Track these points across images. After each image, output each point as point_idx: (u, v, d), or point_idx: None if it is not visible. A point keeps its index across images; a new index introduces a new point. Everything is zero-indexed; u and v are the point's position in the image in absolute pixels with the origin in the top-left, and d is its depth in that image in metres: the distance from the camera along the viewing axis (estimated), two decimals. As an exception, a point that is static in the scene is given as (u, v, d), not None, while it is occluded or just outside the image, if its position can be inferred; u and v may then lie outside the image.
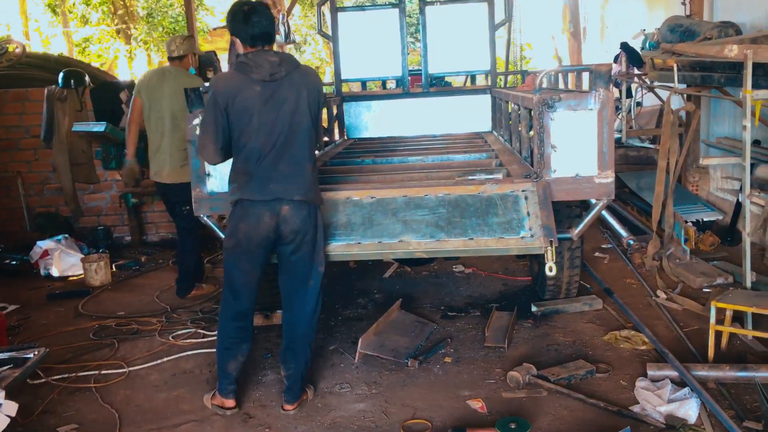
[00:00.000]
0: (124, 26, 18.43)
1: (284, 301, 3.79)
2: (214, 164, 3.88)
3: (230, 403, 3.79)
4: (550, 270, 3.89)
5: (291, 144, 3.51)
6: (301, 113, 3.53)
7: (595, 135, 3.96)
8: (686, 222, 6.39)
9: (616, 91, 8.58)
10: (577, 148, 3.99)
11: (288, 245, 3.61)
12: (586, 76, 4.69)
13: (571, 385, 3.89)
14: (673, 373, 3.82)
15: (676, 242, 5.78)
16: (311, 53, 23.69)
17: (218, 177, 4.17)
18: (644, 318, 4.76)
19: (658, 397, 3.61)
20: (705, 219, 6.80)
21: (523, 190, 3.98)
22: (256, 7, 3.53)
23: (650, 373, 3.87)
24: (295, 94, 3.50)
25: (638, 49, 7.83)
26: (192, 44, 5.85)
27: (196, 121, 4.06)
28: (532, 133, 4.41)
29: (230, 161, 3.64)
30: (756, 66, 4.22)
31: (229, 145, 3.55)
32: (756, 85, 4.26)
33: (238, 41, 3.57)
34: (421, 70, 7.90)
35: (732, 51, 4.43)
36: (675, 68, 5.53)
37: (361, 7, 9.11)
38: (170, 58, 5.84)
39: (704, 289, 5.30)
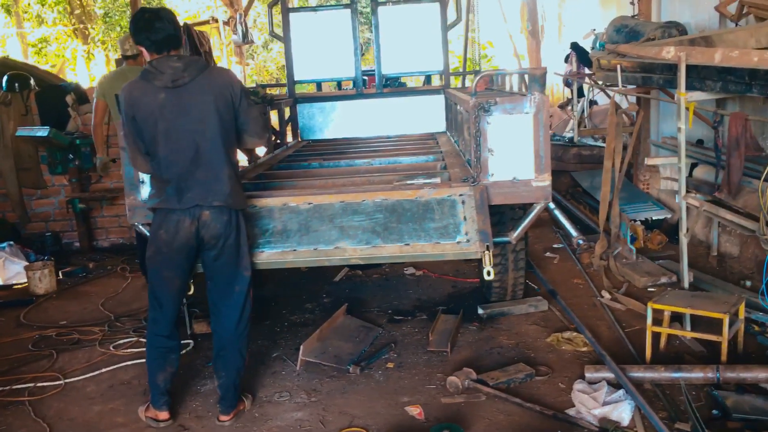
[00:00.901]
0: (81, 26, 18.10)
1: (211, 309, 3.76)
2: (147, 174, 3.81)
3: (163, 415, 3.73)
4: (488, 275, 3.88)
5: (205, 150, 3.45)
6: (212, 118, 3.45)
7: (532, 138, 3.94)
8: (633, 221, 6.45)
9: (568, 91, 8.64)
10: (513, 151, 3.97)
11: (210, 251, 3.57)
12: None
13: (509, 389, 3.89)
14: (610, 375, 3.84)
15: (623, 242, 5.83)
16: (278, 52, 23.56)
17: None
18: (588, 319, 4.78)
19: (593, 399, 3.62)
20: (654, 217, 6.86)
21: (460, 195, 3.95)
22: (159, 12, 3.53)
23: (588, 375, 3.89)
24: (202, 98, 3.44)
25: (588, 49, 7.87)
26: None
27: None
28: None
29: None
30: (691, 68, 4.25)
31: None
32: (690, 87, 4.29)
33: (143, 50, 3.52)
34: (373, 71, 7.87)
35: (668, 53, 4.46)
36: (618, 69, 5.56)
37: (312, 8, 9.06)
38: (125, 57, 5.86)
39: (649, 289, 5.35)
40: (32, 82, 7.49)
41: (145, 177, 4.07)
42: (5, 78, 7.33)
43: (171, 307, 3.66)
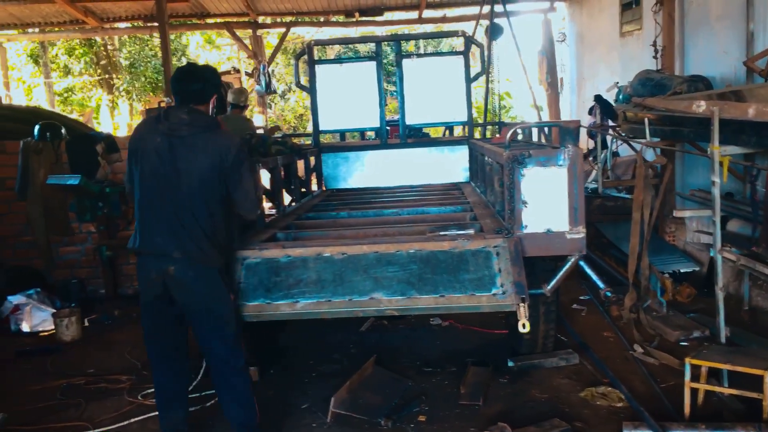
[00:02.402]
0: (106, 76, 18.51)
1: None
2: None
3: None
4: (523, 327, 3.84)
5: (182, 202, 3.51)
6: (196, 174, 3.50)
7: (566, 191, 3.96)
8: (662, 273, 6.39)
9: (591, 142, 8.69)
10: (547, 203, 3.99)
11: (182, 305, 3.62)
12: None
13: (546, 445, 3.82)
14: (649, 432, 3.77)
15: (653, 294, 5.78)
16: (295, 101, 23.88)
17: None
18: (621, 373, 4.71)
19: (634, 457, 3.55)
20: (682, 270, 6.80)
21: (494, 246, 3.96)
22: (196, 69, 3.71)
23: (626, 432, 3.82)
24: (192, 154, 3.51)
25: (612, 102, 7.93)
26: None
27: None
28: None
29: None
30: (723, 122, 4.27)
31: None
32: (724, 141, 4.30)
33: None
34: (398, 120, 7.96)
35: (700, 107, 4.49)
36: (646, 122, 5.59)
37: (338, 60, 9.22)
38: (234, 106, 7.46)
39: (681, 343, 5.27)
40: (63, 131, 7.62)
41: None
42: (37, 127, 7.46)
43: (164, 371, 3.76)
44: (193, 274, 3.51)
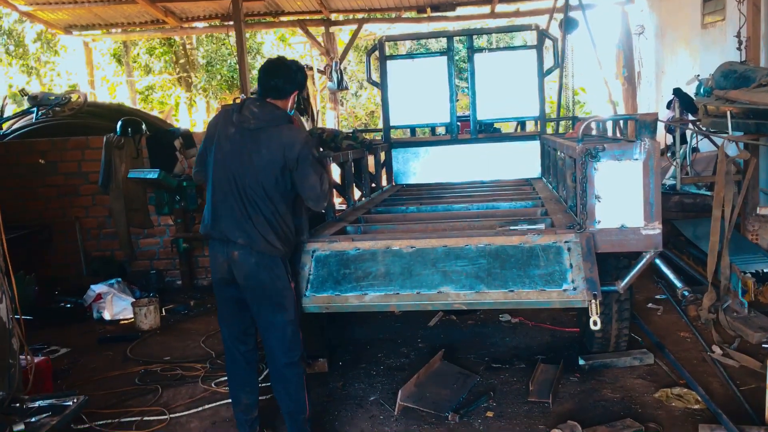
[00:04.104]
0: (185, 74, 19.07)
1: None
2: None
3: None
4: (595, 324, 3.76)
5: (247, 191, 3.58)
6: (259, 166, 3.57)
7: (641, 185, 3.85)
8: (744, 273, 6.13)
9: (669, 138, 8.41)
10: (622, 198, 3.89)
11: (244, 291, 3.68)
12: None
13: (617, 445, 3.73)
14: (727, 436, 3.64)
15: (733, 294, 5.55)
16: (366, 98, 24.03)
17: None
18: (698, 374, 4.55)
19: (710, 461, 3.43)
20: (765, 270, 6.51)
21: (566, 242, 3.89)
22: (276, 63, 3.76)
23: (702, 434, 3.70)
24: (258, 146, 3.57)
25: (692, 95, 7.66)
26: None
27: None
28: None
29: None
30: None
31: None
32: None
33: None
34: (469, 116, 7.91)
35: (787, 98, 4.28)
36: (728, 115, 5.38)
37: (410, 55, 9.22)
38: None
39: (763, 345, 5.05)
40: (143, 127, 7.89)
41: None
42: (120, 123, 7.76)
43: (234, 348, 3.85)
44: (254, 261, 3.58)
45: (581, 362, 4.87)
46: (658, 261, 5.62)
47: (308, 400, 3.78)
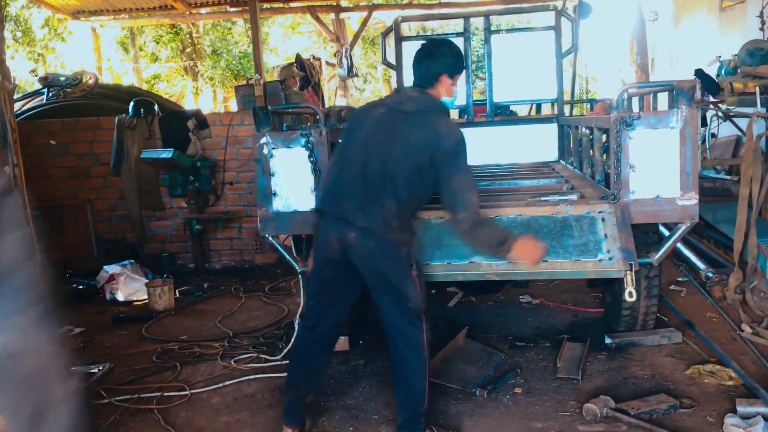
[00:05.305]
0: (191, 63, 18.96)
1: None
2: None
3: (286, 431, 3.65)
4: (630, 296, 3.67)
5: (382, 174, 3.30)
6: (411, 152, 3.31)
7: (678, 154, 3.76)
8: (769, 254, 6.03)
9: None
10: (657, 168, 3.80)
11: (363, 275, 3.40)
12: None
13: (652, 419, 3.64)
14: (766, 410, 3.54)
15: (760, 275, 5.45)
16: (371, 91, 23.88)
17: (284, 197, 4.12)
18: (729, 353, 4.45)
19: (750, 435, 3.34)
20: (788, 252, 6.40)
21: (599, 212, 3.80)
22: (434, 50, 3.50)
23: (740, 409, 3.60)
24: (411, 131, 3.32)
25: (713, 77, 7.54)
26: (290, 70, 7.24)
27: (263, 140, 4.06)
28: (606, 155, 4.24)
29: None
30: None
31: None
32: None
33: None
34: (485, 99, 7.79)
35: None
36: (757, 91, 5.28)
37: (425, 36, 9.09)
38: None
39: (793, 324, 4.96)
40: (156, 107, 7.79)
41: (277, 189, 4.12)
42: (132, 104, 7.67)
43: (315, 325, 3.56)
44: (373, 245, 3.28)
45: (608, 341, 4.77)
46: (679, 244, 5.53)
47: (428, 392, 3.50)
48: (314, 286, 3.56)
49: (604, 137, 4.50)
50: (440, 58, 3.44)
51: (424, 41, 3.61)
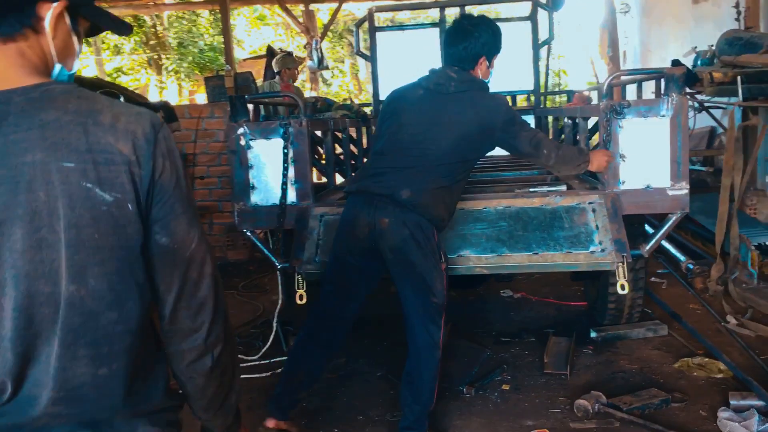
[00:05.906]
0: (155, 56, 18.54)
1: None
2: None
3: (269, 423, 3.41)
4: (623, 288, 3.58)
5: (424, 155, 3.20)
6: (463, 130, 3.22)
7: (668, 143, 3.67)
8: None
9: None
10: (647, 157, 3.70)
11: (388, 263, 3.23)
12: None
13: (645, 414, 3.56)
14: (759, 403, 3.49)
15: (742, 266, 5.42)
16: (338, 86, 23.57)
17: (262, 190, 3.95)
18: (716, 344, 4.40)
19: (745, 428, 3.28)
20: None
21: (590, 203, 3.69)
22: (455, 26, 3.47)
23: (733, 402, 3.54)
24: (462, 109, 3.23)
25: (689, 68, 7.53)
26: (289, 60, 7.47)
27: (240, 130, 3.88)
28: (594, 141, 4.14)
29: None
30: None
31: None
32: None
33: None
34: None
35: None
36: (739, 80, 5.24)
37: (400, 27, 8.96)
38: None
39: (777, 314, 4.93)
40: (121, 99, 7.52)
41: (255, 182, 3.94)
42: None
43: (327, 321, 3.38)
44: (407, 234, 3.11)
45: (593, 335, 4.70)
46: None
47: (436, 393, 3.36)
48: (332, 275, 3.40)
49: (589, 126, 4.41)
50: (480, 38, 3.32)
51: (457, 18, 3.54)
